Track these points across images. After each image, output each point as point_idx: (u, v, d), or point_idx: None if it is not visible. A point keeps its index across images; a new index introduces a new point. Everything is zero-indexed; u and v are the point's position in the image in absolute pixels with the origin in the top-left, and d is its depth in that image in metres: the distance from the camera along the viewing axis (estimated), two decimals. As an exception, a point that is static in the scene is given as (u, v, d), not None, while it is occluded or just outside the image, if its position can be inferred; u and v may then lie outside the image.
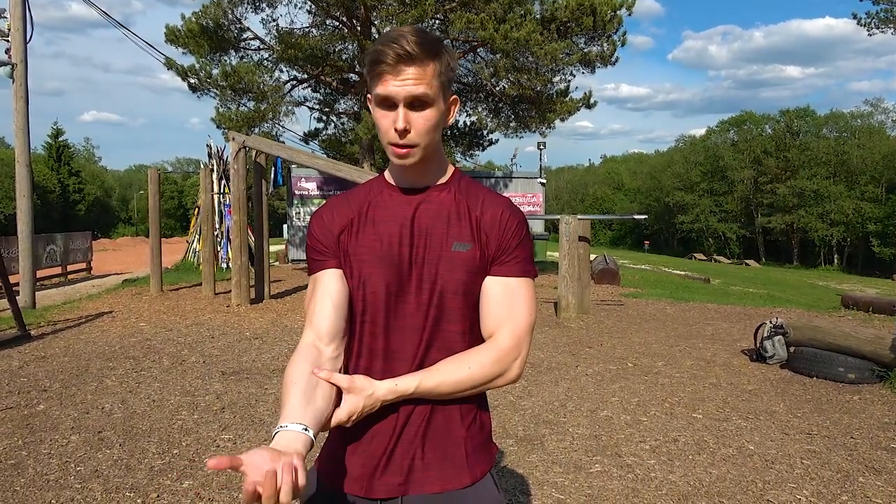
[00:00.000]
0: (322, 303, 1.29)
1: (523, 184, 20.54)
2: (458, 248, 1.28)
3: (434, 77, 1.21)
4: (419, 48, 1.18)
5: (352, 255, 1.30)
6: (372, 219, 1.31)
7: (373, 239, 1.29)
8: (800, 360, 6.06)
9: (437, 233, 1.29)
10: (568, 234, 8.85)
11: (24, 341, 7.02)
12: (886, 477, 3.64)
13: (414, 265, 1.28)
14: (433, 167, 1.33)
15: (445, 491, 1.27)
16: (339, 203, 1.37)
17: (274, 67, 15.52)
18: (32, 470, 3.57)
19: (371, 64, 1.21)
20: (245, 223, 9.91)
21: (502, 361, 1.27)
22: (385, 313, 1.28)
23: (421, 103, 1.21)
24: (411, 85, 1.19)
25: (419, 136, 1.23)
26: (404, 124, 1.20)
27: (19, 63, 9.69)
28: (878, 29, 24.05)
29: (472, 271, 1.29)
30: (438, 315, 1.27)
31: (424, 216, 1.30)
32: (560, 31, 13.53)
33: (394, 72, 1.19)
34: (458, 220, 1.30)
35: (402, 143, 1.22)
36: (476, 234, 1.30)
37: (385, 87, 1.20)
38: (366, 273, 1.28)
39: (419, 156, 1.25)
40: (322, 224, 1.34)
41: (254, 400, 4.95)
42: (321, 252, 1.33)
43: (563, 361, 6.44)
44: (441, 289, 1.27)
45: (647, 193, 71.77)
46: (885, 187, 52.98)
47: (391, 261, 1.27)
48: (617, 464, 3.79)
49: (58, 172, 58.53)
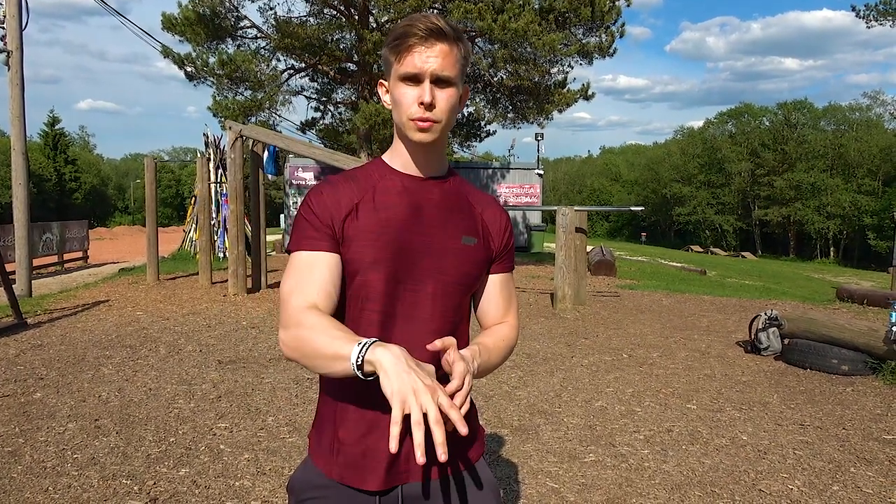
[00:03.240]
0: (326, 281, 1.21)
1: (521, 175, 20.53)
2: (467, 242, 1.30)
3: (458, 60, 1.23)
4: (449, 27, 1.21)
5: (357, 241, 1.24)
6: (379, 204, 1.27)
7: (380, 225, 1.25)
8: (794, 352, 6.09)
9: (447, 224, 1.29)
10: (565, 225, 8.86)
11: (20, 329, 7.02)
12: (877, 467, 3.68)
13: (421, 254, 1.27)
14: (438, 157, 1.33)
15: (442, 475, 1.30)
16: (342, 184, 1.29)
17: (271, 56, 15.47)
18: (29, 457, 3.58)
19: (399, 37, 1.20)
20: (242, 212, 9.89)
21: (514, 340, 1.41)
22: (389, 301, 1.26)
23: (445, 81, 1.22)
24: (440, 60, 1.20)
25: (442, 113, 1.23)
26: (431, 98, 1.20)
27: (15, 50, 9.62)
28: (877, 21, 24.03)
29: (477, 265, 1.32)
30: (443, 305, 1.28)
31: (432, 206, 1.30)
32: (558, 22, 13.48)
33: (425, 44, 1.19)
34: (463, 214, 1.32)
35: (426, 116, 1.21)
36: (480, 230, 1.33)
37: (412, 60, 1.20)
38: (371, 259, 1.24)
39: (438, 133, 1.25)
40: (323, 202, 1.26)
41: (250, 389, 4.96)
42: (318, 230, 1.24)
43: (558, 352, 6.46)
44: (448, 280, 1.28)
45: (644, 185, 71.80)
46: (881, 180, 53.10)
47: (400, 248, 1.25)
48: (611, 453, 3.82)
49: (54, 161, 58.28)
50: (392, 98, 1.26)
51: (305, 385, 5.08)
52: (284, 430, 4.09)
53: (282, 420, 4.27)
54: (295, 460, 3.59)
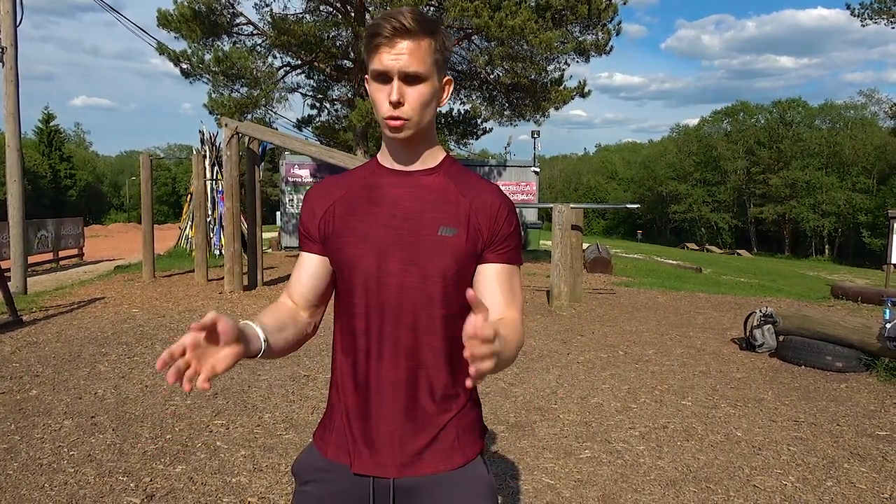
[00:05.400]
0: (299, 276, 1.38)
1: (517, 172, 20.52)
2: (444, 233, 1.28)
3: (428, 54, 1.23)
4: (415, 23, 1.21)
5: (336, 237, 1.32)
6: (360, 200, 1.33)
7: (357, 220, 1.31)
8: (788, 349, 6.12)
9: (424, 216, 1.29)
10: (561, 222, 8.87)
11: (15, 327, 7.00)
12: (871, 463, 3.70)
13: (397, 247, 1.28)
14: (424, 150, 1.33)
15: (437, 472, 1.29)
16: (329, 184, 1.40)
17: (267, 53, 15.44)
18: (25, 454, 3.58)
19: (368, 38, 1.23)
20: (238, 210, 9.88)
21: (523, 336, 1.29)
22: (369, 294, 1.28)
23: (415, 78, 1.23)
24: (405, 58, 1.21)
25: (412, 110, 1.24)
26: (398, 96, 1.22)
27: (9, 47, 9.59)
28: (872, 20, 24.10)
29: (458, 256, 1.28)
30: (421, 298, 1.28)
31: (411, 199, 1.31)
32: (555, 20, 13.49)
33: (389, 44, 1.21)
34: (445, 205, 1.30)
35: (395, 114, 1.24)
36: (465, 220, 1.29)
37: (380, 59, 1.22)
38: (350, 254, 1.30)
39: (413, 130, 1.27)
40: (308, 206, 1.39)
41: (246, 386, 4.97)
42: (304, 234, 1.39)
43: (554, 349, 6.48)
44: (424, 272, 1.27)
45: (640, 183, 71.87)
46: (876, 178, 53.28)
47: (375, 242, 1.28)
48: (606, 449, 3.84)
49: (49, 158, 58.08)
50: (369, 96, 1.30)
51: (302, 382, 5.08)
52: (281, 426, 4.10)
53: (278, 417, 4.28)
54: (291, 457, 3.60)
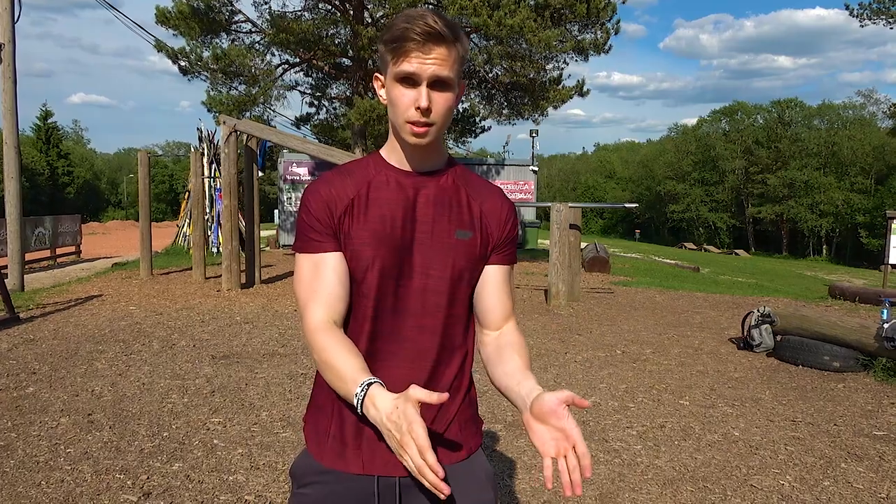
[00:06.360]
0: (334, 285, 1.26)
1: (515, 171, 20.54)
2: (460, 236, 1.30)
3: (456, 60, 1.21)
4: (448, 29, 1.18)
5: (353, 237, 1.27)
6: (373, 200, 1.28)
7: (375, 221, 1.27)
8: (786, 349, 6.13)
9: (440, 219, 1.29)
10: (559, 221, 8.87)
11: (12, 324, 6.99)
12: (868, 463, 3.71)
13: (416, 250, 1.28)
14: (436, 152, 1.32)
15: (443, 465, 1.29)
16: (338, 180, 1.30)
17: (265, 51, 15.42)
18: (22, 452, 3.57)
19: (395, 40, 1.18)
20: (236, 207, 9.87)
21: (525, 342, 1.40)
22: (385, 297, 1.27)
23: (443, 84, 1.20)
24: (438, 65, 1.18)
25: (438, 116, 1.22)
26: (427, 103, 1.19)
27: (7, 43, 9.56)
28: (870, 20, 24.11)
29: (473, 259, 1.31)
30: (438, 300, 1.28)
31: (427, 201, 1.30)
32: (554, 19, 13.49)
33: (422, 49, 1.17)
34: (460, 208, 1.31)
35: (423, 121, 1.21)
36: (478, 224, 1.32)
37: (411, 63, 1.18)
38: (367, 255, 1.26)
39: (434, 136, 1.25)
40: (320, 200, 1.28)
41: (244, 384, 4.96)
42: (320, 232, 1.27)
43: (552, 348, 6.48)
44: (442, 274, 1.28)
45: (638, 182, 71.95)
46: (874, 179, 53.34)
47: (393, 244, 1.26)
48: (604, 448, 3.84)
49: (46, 155, 57.91)
50: (388, 97, 1.25)
51: (299, 380, 5.08)
52: (278, 425, 4.09)
53: (276, 415, 4.27)
54: (289, 455, 3.59)
